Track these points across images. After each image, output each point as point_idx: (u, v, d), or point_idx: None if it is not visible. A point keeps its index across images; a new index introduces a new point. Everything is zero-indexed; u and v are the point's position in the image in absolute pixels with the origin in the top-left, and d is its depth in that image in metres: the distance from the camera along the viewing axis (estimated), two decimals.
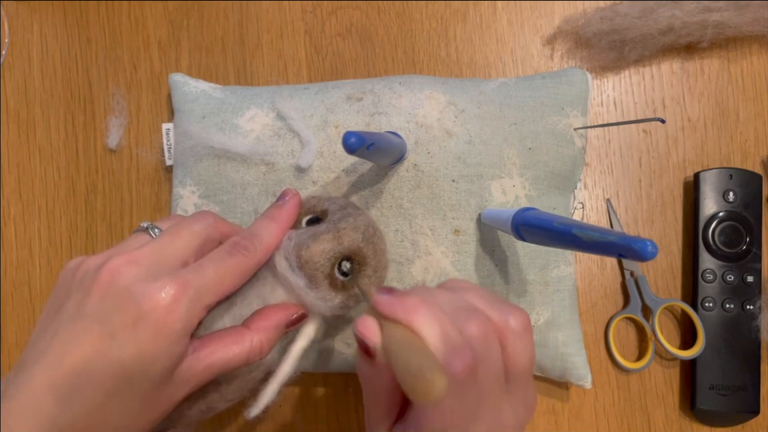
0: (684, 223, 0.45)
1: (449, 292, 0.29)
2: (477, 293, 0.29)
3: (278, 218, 0.32)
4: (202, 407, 0.31)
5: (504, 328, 0.27)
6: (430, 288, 0.29)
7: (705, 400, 0.42)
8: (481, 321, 0.26)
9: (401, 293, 0.26)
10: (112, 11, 0.49)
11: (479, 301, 0.28)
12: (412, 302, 0.25)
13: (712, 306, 0.42)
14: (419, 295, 0.26)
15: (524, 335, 0.27)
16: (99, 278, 0.26)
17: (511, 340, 0.27)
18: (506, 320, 0.27)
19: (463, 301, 0.28)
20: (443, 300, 0.27)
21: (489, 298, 0.28)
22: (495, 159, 0.38)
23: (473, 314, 0.26)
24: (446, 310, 0.26)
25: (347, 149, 0.27)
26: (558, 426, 0.44)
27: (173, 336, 0.26)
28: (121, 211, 0.47)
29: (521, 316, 0.28)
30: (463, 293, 0.29)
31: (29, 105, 0.49)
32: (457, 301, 0.28)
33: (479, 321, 0.26)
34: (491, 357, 0.26)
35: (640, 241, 0.23)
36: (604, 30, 0.43)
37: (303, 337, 0.33)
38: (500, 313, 0.27)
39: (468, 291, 0.29)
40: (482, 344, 0.26)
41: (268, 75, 0.47)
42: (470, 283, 0.31)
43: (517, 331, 0.27)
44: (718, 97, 0.45)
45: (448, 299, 0.28)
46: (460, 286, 0.30)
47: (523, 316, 0.28)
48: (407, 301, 0.25)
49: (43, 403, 0.24)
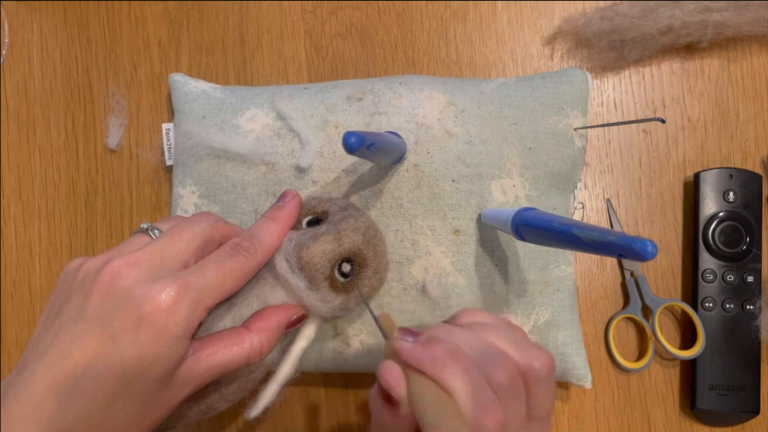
0: (684, 223, 0.45)
1: (470, 332, 0.28)
2: (499, 333, 0.28)
3: (279, 219, 0.32)
4: (202, 408, 0.31)
5: (528, 372, 0.26)
6: (450, 328, 0.28)
7: (705, 400, 0.42)
8: (508, 369, 0.25)
9: (426, 341, 0.26)
10: (112, 11, 0.49)
11: (502, 342, 0.27)
12: (439, 355, 0.25)
13: (712, 306, 0.42)
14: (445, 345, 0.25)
15: (548, 379, 0.27)
16: (100, 280, 0.26)
17: (535, 385, 0.26)
18: (532, 364, 0.26)
19: (487, 343, 0.27)
20: (467, 344, 0.26)
21: (512, 339, 0.28)
22: (495, 159, 0.38)
23: (499, 360, 0.26)
24: (472, 356, 0.26)
25: (347, 149, 0.27)
26: (558, 426, 0.44)
27: (174, 337, 0.26)
28: (121, 211, 0.47)
29: (547, 360, 0.27)
30: (483, 333, 0.28)
31: (29, 105, 0.49)
32: (480, 345, 0.27)
33: (506, 369, 0.25)
34: (517, 405, 0.26)
35: (640, 241, 0.23)
36: (604, 30, 0.43)
37: (303, 338, 0.33)
38: (525, 356, 0.27)
39: (488, 330, 0.28)
40: (510, 394, 0.25)
41: (268, 75, 0.47)
42: (487, 316, 0.30)
43: (542, 377, 0.26)
44: (718, 97, 0.45)
45: (471, 342, 0.27)
46: (479, 321, 0.29)
47: (548, 359, 0.27)
48: (435, 353, 0.25)
49: (43, 404, 0.24)
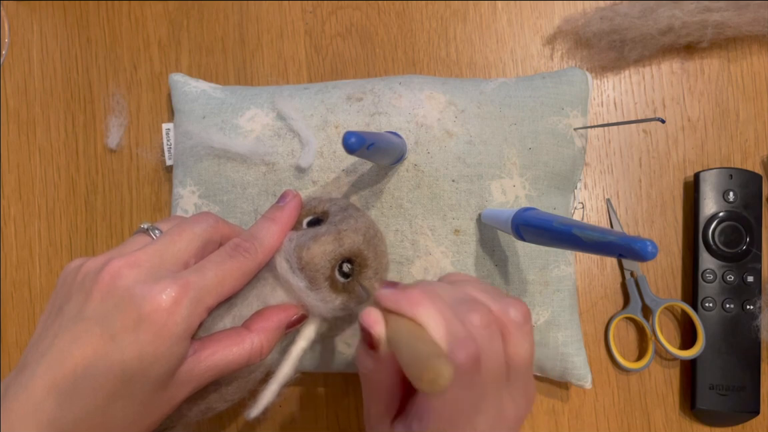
0: (684, 223, 0.45)
1: (450, 285, 0.29)
2: (477, 285, 0.29)
3: (279, 219, 0.32)
4: (201, 408, 0.31)
5: (505, 319, 0.27)
6: (431, 281, 0.30)
7: (705, 400, 0.42)
8: (482, 312, 0.26)
9: (404, 287, 0.27)
10: (112, 11, 0.49)
11: (480, 293, 0.28)
12: (415, 295, 0.26)
13: (712, 306, 0.42)
14: (422, 289, 0.26)
15: (524, 326, 0.28)
16: (100, 280, 0.26)
17: (512, 331, 0.27)
18: (507, 311, 0.27)
19: (465, 293, 0.28)
20: (445, 292, 0.28)
21: (489, 290, 0.29)
22: (495, 159, 0.38)
23: (475, 305, 0.27)
24: (448, 302, 0.26)
25: (347, 149, 0.27)
26: (558, 426, 0.44)
27: (174, 338, 0.26)
28: (121, 211, 0.47)
29: (521, 308, 0.28)
30: (463, 286, 0.29)
31: (29, 105, 0.49)
32: (458, 293, 0.28)
33: (481, 312, 0.26)
34: (493, 348, 0.26)
35: (640, 241, 0.23)
36: (604, 30, 0.43)
37: (303, 338, 0.33)
38: (501, 304, 0.28)
39: (468, 283, 0.29)
40: (484, 335, 0.26)
41: (268, 75, 0.47)
42: (470, 276, 0.31)
43: (517, 322, 0.27)
44: (718, 97, 0.45)
45: (449, 292, 0.28)
46: (460, 278, 0.30)
47: (523, 308, 0.28)
48: (410, 294, 0.26)
49: (43, 404, 0.24)
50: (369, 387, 0.28)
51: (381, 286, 0.27)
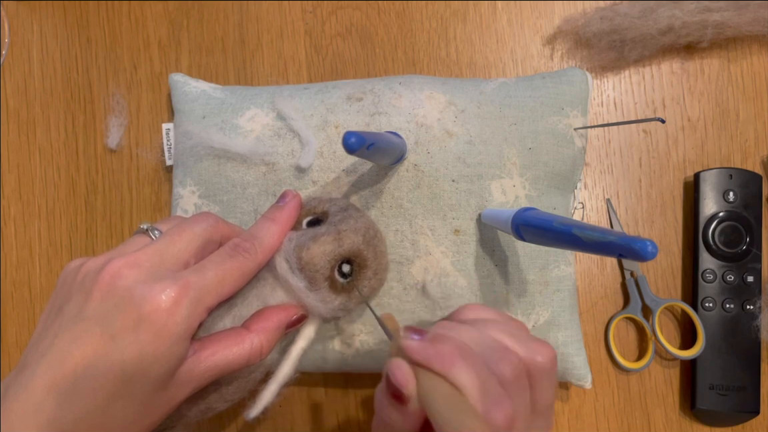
0: (684, 223, 0.45)
1: (474, 329, 0.28)
2: (501, 327, 0.28)
3: (279, 220, 0.32)
4: (201, 408, 0.31)
5: (532, 365, 0.27)
6: (454, 325, 0.28)
7: (705, 400, 0.42)
8: (513, 363, 0.26)
9: (433, 339, 0.26)
10: (112, 11, 0.49)
11: (505, 336, 0.27)
12: (447, 352, 0.25)
13: (712, 306, 0.42)
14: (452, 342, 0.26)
15: (551, 372, 0.27)
16: (100, 280, 0.26)
17: (539, 378, 0.27)
18: (534, 358, 0.27)
19: (490, 339, 0.27)
20: (472, 341, 0.27)
21: (514, 332, 0.28)
22: (495, 159, 0.38)
23: (504, 355, 0.26)
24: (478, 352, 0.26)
25: (347, 149, 0.27)
26: (558, 426, 0.44)
27: (174, 338, 0.26)
28: (121, 211, 0.47)
29: (549, 353, 0.27)
30: (486, 328, 0.28)
31: (29, 105, 0.49)
32: (484, 340, 0.27)
33: (511, 363, 0.26)
34: (522, 398, 0.26)
35: (640, 241, 0.23)
36: (604, 30, 0.43)
37: (303, 339, 0.33)
38: (528, 350, 0.27)
39: (491, 325, 0.28)
40: (515, 387, 0.26)
41: (268, 75, 0.47)
42: (489, 311, 0.30)
43: (545, 369, 0.27)
44: (718, 97, 0.45)
45: (475, 339, 0.27)
46: (479, 316, 0.30)
47: (550, 353, 0.27)
48: (442, 350, 0.25)
49: (43, 404, 0.24)
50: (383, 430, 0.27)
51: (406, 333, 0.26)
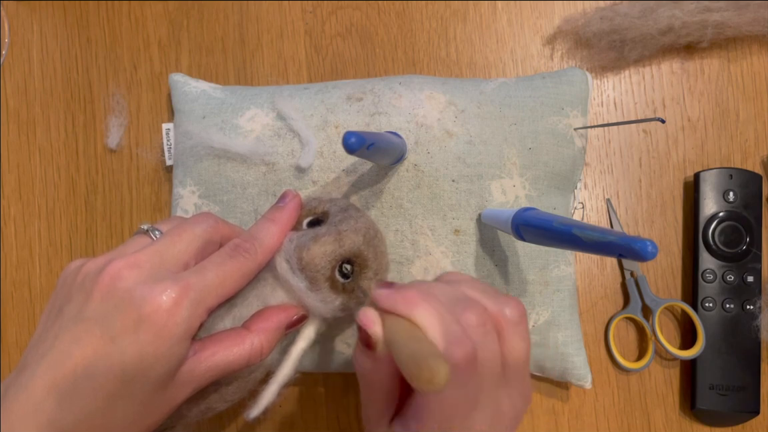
0: (684, 223, 0.45)
1: (446, 284, 0.29)
2: (472, 284, 0.29)
3: (279, 220, 0.32)
4: (201, 408, 0.31)
5: (500, 317, 0.27)
6: (427, 282, 0.30)
7: (705, 400, 0.42)
8: (478, 311, 0.26)
9: (400, 287, 0.27)
10: (112, 11, 0.49)
11: (475, 292, 0.28)
12: (411, 295, 0.26)
13: (712, 306, 0.42)
14: (418, 289, 0.27)
15: (520, 324, 0.28)
16: (100, 281, 0.26)
17: (508, 330, 0.27)
18: (502, 310, 0.27)
19: (460, 292, 0.28)
20: (441, 292, 0.28)
21: (485, 290, 0.29)
22: (495, 159, 0.38)
23: (471, 304, 0.27)
24: (444, 301, 0.27)
25: (347, 149, 0.27)
26: (558, 426, 0.44)
27: (174, 338, 0.26)
28: (121, 211, 0.47)
29: (517, 306, 0.28)
30: (459, 285, 0.29)
31: (29, 105, 0.49)
32: (454, 293, 0.28)
33: (476, 311, 0.26)
34: (489, 346, 0.26)
35: (640, 241, 0.23)
36: (604, 30, 0.43)
37: (303, 339, 0.33)
38: (496, 303, 0.28)
39: (464, 283, 0.29)
40: (480, 333, 0.26)
41: (268, 75, 0.47)
42: (466, 276, 0.31)
43: (513, 321, 0.27)
44: (718, 97, 0.45)
45: (445, 291, 0.28)
46: (457, 278, 0.30)
47: (519, 306, 0.28)
48: (406, 294, 0.26)
49: (43, 405, 0.24)
50: (367, 387, 0.28)
51: (377, 287, 0.27)
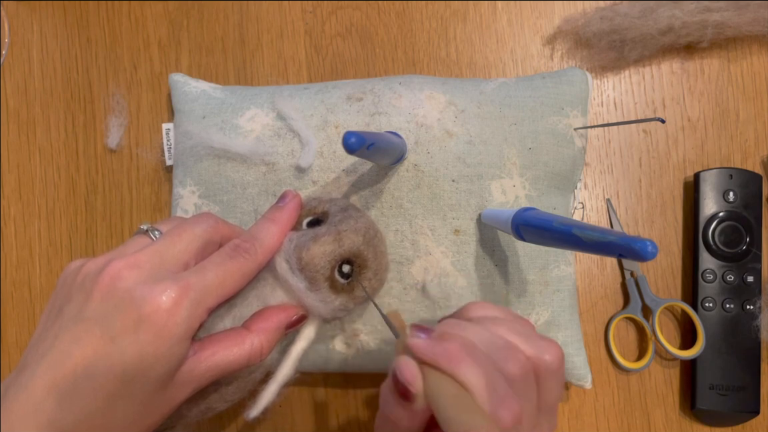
0: (684, 223, 0.45)
1: (481, 327, 0.28)
2: (508, 326, 0.28)
3: (279, 220, 0.32)
4: (201, 408, 0.31)
5: (540, 364, 0.27)
6: (461, 323, 0.28)
7: (705, 400, 0.42)
8: (520, 361, 0.26)
9: (439, 337, 0.26)
10: (112, 11, 0.49)
11: (513, 335, 0.27)
12: (454, 351, 0.25)
13: (712, 306, 0.42)
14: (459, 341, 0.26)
15: (558, 371, 0.27)
16: (100, 281, 0.26)
17: (546, 377, 0.27)
18: (542, 357, 0.27)
19: (498, 337, 0.27)
20: (479, 339, 0.27)
21: (521, 331, 0.28)
22: (495, 159, 0.38)
23: (511, 354, 0.26)
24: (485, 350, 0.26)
25: (347, 149, 0.27)
26: (558, 426, 0.44)
27: (174, 339, 0.26)
28: (121, 211, 0.47)
29: (556, 352, 0.27)
30: (494, 327, 0.28)
31: (29, 105, 0.49)
32: (492, 339, 0.27)
33: (518, 361, 0.26)
34: (529, 397, 0.26)
35: (640, 241, 0.23)
36: (604, 30, 0.43)
37: (303, 339, 0.33)
38: (536, 348, 0.27)
39: (498, 324, 0.28)
40: (522, 385, 0.26)
41: (268, 75, 0.47)
42: (495, 309, 0.30)
43: (552, 369, 0.27)
44: (718, 97, 0.45)
45: (483, 338, 0.27)
46: (486, 315, 0.29)
47: (558, 351, 0.27)
48: (449, 349, 0.25)
49: (43, 405, 0.24)
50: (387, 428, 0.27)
51: (413, 332, 0.26)
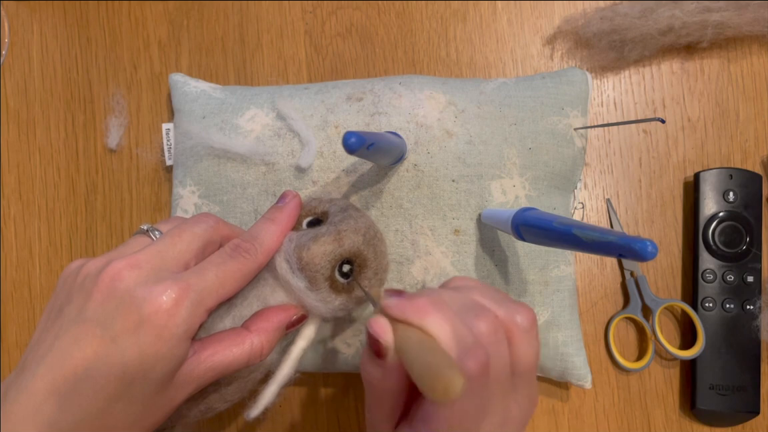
0: (684, 223, 0.45)
1: (455, 291, 0.29)
2: (482, 291, 0.29)
3: (279, 220, 0.32)
4: (201, 408, 0.31)
5: (511, 324, 0.27)
6: (436, 289, 0.29)
7: (705, 400, 0.42)
8: (489, 318, 0.26)
9: (410, 295, 0.26)
10: (112, 11, 0.49)
11: (486, 299, 0.28)
12: (422, 304, 0.25)
13: (712, 306, 0.42)
14: (428, 297, 0.26)
15: (530, 331, 0.28)
16: (100, 282, 0.26)
17: (518, 337, 0.27)
18: (513, 317, 0.27)
19: (470, 299, 0.28)
20: (451, 299, 0.27)
21: (495, 296, 0.29)
22: (495, 159, 0.38)
23: (481, 311, 0.27)
24: (455, 309, 0.26)
25: (347, 149, 0.27)
26: (558, 426, 0.44)
27: (174, 339, 0.26)
28: (121, 211, 0.47)
29: (528, 313, 0.28)
30: (468, 292, 0.29)
31: (29, 105, 0.49)
32: (464, 300, 0.28)
33: (488, 318, 0.26)
34: (500, 354, 0.26)
35: (640, 241, 0.23)
36: (604, 30, 0.43)
37: (303, 339, 0.33)
38: (507, 310, 0.28)
39: (473, 289, 0.29)
40: (491, 341, 0.26)
41: (268, 75, 0.47)
42: (474, 281, 0.31)
43: (523, 328, 0.27)
44: (718, 97, 0.45)
45: (455, 298, 0.28)
46: (465, 284, 0.30)
47: (530, 313, 0.28)
48: (417, 303, 0.26)
49: (43, 406, 0.24)
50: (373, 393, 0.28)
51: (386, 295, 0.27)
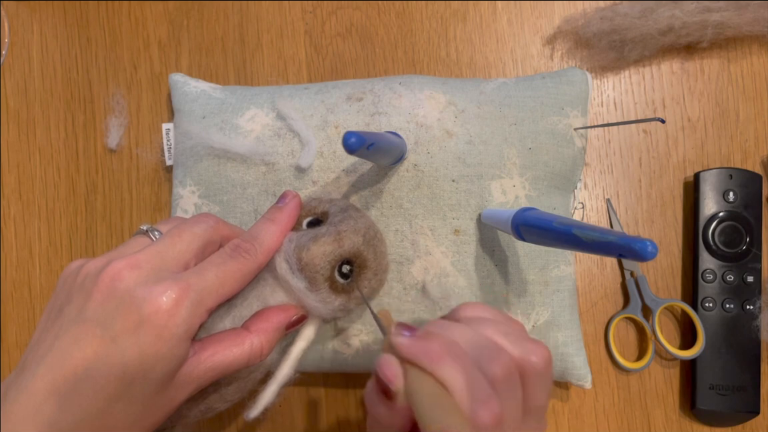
0: (684, 223, 0.45)
1: (467, 327, 0.28)
2: (496, 327, 0.28)
3: (279, 220, 0.32)
4: (201, 408, 0.31)
5: (526, 365, 0.26)
6: (447, 323, 0.28)
7: (705, 400, 0.42)
8: (504, 362, 0.26)
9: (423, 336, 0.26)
10: (112, 11, 0.49)
11: (499, 336, 0.27)
12: (436, 350, 0.25)
13: (712, 306, 0.42)
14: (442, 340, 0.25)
15: (545, 372, 0.27)
16: (100, 282, 0.26)
17: (533, 378, 0.27)
18: (528, 358, 0.27)
19: (484, 338, 0.27)
20: (463, 339, 0.27)
21: (509, 333, 0.28)
22: (495, 159, 0.38)
23: (496, 354, 0.26)
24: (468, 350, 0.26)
25: (347, 149, 0.27)
26: (558, 426, 0.44)
27: (174, 339, 0.26)
28: (121, 211, 0.47)
29: (543, 353, 0.27)
30: (481, 327, 0.28)
31: (29, 105, 0.49)
32: (477, 339, 0.27)
33: (502, 362, 0.26)
34: (513, 397, 0.26)
35: (640, 241, 0.23)
36: (604, 30, 0.43)
37: (302, 339, 0.33)
38: (522, 350, 0.27)
39: (486, 323, 0.28)
40: (506, 387, 0.25)
41: (268, 75, 0.47)
42: (485, 310, 0.30)
43: (538, 370, 0.27)
44: (718, 97, 0.45)
45: (468, 337, 0.27)
46: (476, 315, 0.29)
47: (545, 353, 0.27)
48: (431, 348, 0.25)
49: (43, 406, 0.24)
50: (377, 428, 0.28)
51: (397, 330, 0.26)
